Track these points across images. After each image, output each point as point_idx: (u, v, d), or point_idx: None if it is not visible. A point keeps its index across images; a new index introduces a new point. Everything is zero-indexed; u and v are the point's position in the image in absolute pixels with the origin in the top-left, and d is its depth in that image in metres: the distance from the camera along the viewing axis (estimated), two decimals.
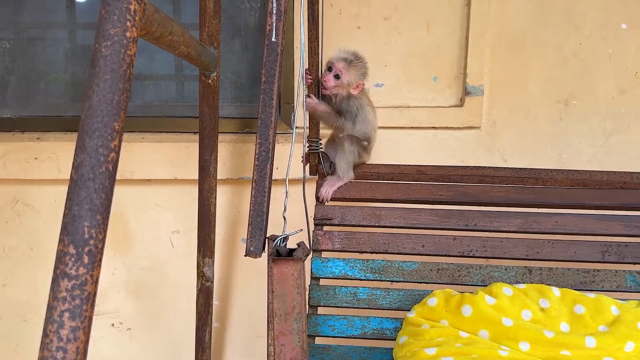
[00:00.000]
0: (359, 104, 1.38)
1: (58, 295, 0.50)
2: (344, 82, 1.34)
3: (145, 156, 1.67)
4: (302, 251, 0.77)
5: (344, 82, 1.34)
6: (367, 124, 1.39)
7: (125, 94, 0.56)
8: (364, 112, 1.39)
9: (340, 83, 1.34)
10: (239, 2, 1.75)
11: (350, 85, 1.36)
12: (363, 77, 1.37)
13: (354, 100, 1.38)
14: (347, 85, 1.35)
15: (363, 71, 1.37)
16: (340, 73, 1.34)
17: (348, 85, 1.35)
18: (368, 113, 1.40)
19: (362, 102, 1.39)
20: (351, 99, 1.38)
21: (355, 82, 1.36)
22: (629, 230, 1.34)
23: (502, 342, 1.09)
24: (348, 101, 1.37)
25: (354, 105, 1.38)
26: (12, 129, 1.76)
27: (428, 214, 1.38)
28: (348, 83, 1.35)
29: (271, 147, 0.79)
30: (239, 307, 1.83)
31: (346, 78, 1.34)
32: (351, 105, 1.37)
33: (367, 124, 1.39)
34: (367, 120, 1.39)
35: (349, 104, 1.37)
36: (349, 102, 1.37)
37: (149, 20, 0.70)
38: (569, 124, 1.73)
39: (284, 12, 0.83)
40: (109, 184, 0.54)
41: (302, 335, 0.75)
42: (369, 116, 1.40)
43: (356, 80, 1.35)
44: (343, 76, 1.34)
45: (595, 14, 1.68)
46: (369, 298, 1.32)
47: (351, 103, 1.37)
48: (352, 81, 1.35)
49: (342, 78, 1.34)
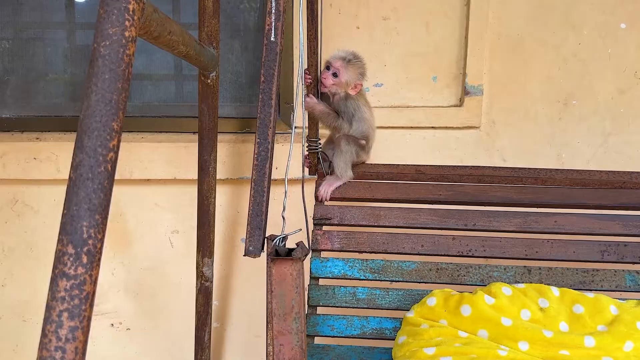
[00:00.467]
0: (356, 104, 1.39)
1: (57, 295, 0.50)
2: (342, 81, 1.34)
3: (145, 156, 1.67)
4: (301, 251, 0.77)
5: (342, 80, 1.34)
6: (364, 123, 1.39)
7: (124, 94, 0.56)
8: (361, 112, 1.39)
9: (338, 82, 1.34)
10: (238, 1, 1.75)
11: (349, 84, 1.36)
12: (361, 77, 1.37)
13: (351, 101, 1.38)
14: (345, 84, 1.35)
15: (361, 71, 1.37)
16: (338, 71, 1.34)
17: (346, 84, 1.35)
18: (365, 112, 1.40)
19: (358, 103, 1.39)
20: (349, 100, 1.38)
21: (353, 81, 1.36)
22: (628, 230, 1.34)
23: (501, 341, 1.09)
24: (346, 102, 1.38)
25: (351, 106, 1.38)
26: (11, 129, 1.75)
27: (427, 214, 1.38)
28: (346, 82, 1.35)
29: (270, 147, 0.79)
30: (238, 307, 1.83)
31: (344, 77, 1.34)
32: (348, 106, 1.38)
33: (364, 122, 1.39)
34: (364, 119, 1.39)
35: (347, 105, 1.38)
36: (347, 103, 1.38)
37: (147, 20, 0.70)
38: (568, 124, 1.73)
39: (282, 12, 0.83)
40: (107, 183, 0.54)
41: (301, 335, 0.75)
42: (366, 115, 1.40)
43: (354, 79, 1.36)
44: (341, 75, 1.34)
45: (594, 14, 1.68)
46: (368, 298, 1.32)
47: (348, 104, 1.38)
48: (350, 80, 1.35)
49: (340, 76, 1.34)
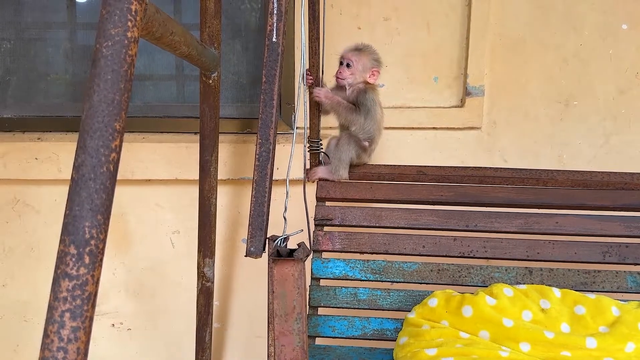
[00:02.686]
0: (373, 99, 1.35)
1: (59, 295, 0.50)
2: (358, 68, 1.32)
3: (146, 156, 1.67)
4: (303, 252, 0.77)
5: (358, 67, 1.32)
6: (374, 123, 1.37)
7: (126, 94, 0.56)
8: (374, 110, 1.36)
9: (353, 70, 1.32)
10: (239, 2, 1.76)
11: (365, 70, 1.33)
12: (376, 63, 1.34)
13: (370, 93, 1.35)
14: (361, 71, 1.33)
15: (375, 57, 1.34)
16: (351, 62, 1.32)
17: (363, 71, 1.33)
18: (377, 112, 1.37)
19: (375, 99, 1.36)
20: (367, 92, 1.35)
21: (369, 67, 1.33)
22: (629, 231, 1.34)
23: (503, 342, 1.08)
24: (364, 94, 1.34)
25: (369, 99, 1.34)
26: (13, 129, 1.76)
27: (428, 215, 1.37)
28: (362, 68, 1.33)
29: (272, 148, 0.79)
30: (239, 307, 1.83)
31: (359, 64, 1.32)
32: (367, 98, 1.34)
33: (373, 122, 1.37)
34: (374, 119, 1.37)
35: (365, 97, 1.34)
36: (365, 95, 1.34)
37: (150, 21, 0.70)
38: (569, 125, 1.73)
39: (284, 12, 0.83)
40: (110, 184, 0.54)
41: (302, 335, 0.75)
42: (377, 115, 1.38)
43: (369, 65, 1.33)
44: (355, 63, 1.32)
45: (595, 14, 1.68)
46: (370, 299, 1.32)
47: (367, 96, 1.34)
48: (365, 66, 1.33)
49: (354, 65, 1.32)
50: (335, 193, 1.41)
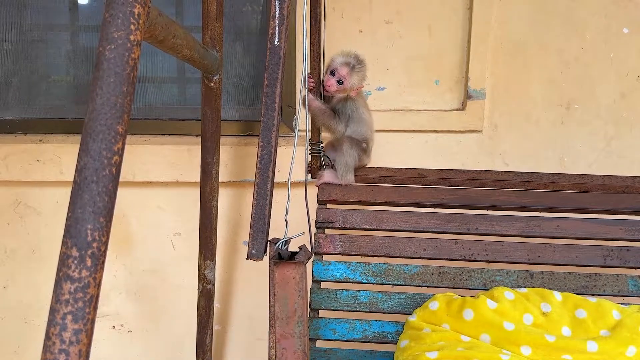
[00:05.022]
0: (354, 106, 1.40)
1: (61, 297, 0.50)
2: (346, 88, 1.36)
3: (147, 158, 1.67)
4: (304, 254, 0.77)
5: (346, 87, 1.36)
6: (363, 124, 1.41)
7: (128, 97, 0.56)
8: (359, 113, 1.40)
9: (342, 88, 1.36)
10: (241, 5, 1.76)
11: (353, 88, 1.37)
12: (363, 80, 1.39)
13: (350, 102, 1.40)
14: (349, 88, 1.37)
15: (364, 74, 1.39)
16: (343, 79, 1.35)
17: (350, 89, 1.37)
18: (363, 114, 1.41)
19: (357, 104, 1.40)
20: (348, 101, 1.39)
21: (357, 86, 1.38)
22: (630, 235, 1.34)
23: (504, 346, 1.08)
24: (344, 103, 1.39)
25: (349, 108, 1.39)
26: (15, 130, 1.76)
27: (429, 218, 1.38)
28: (350, 88, 1.37)
29: (273, 150, 0.79)
30: (240, 309, 1.83)
31: (349, 84, 1.36)
32: (347, 107, 1.39)
33: (363, 124, 1.40)
34: (362, 120, 1.40)
35: (345, 106, 1.39)
36: (345, 105, 1.39)
37: (152, 24, 0.71)
38: (570, 128, 1.73)
39: (286, 16, 0.83)
40: (112, 186, 0.54)
41: (303, 338, 0.75)
42: (365, 116, 1.41)
43: (357, 84, 1.38)
44: (346, 82, 1.35)
45: (596, 18, 1.68)
46: (370, 301, 1.32)
47: (347, 105, 1.39)
48: (354, 85, 1.37)
49: (345, 84, 1.35)
50: (337, 196, 1.41)
